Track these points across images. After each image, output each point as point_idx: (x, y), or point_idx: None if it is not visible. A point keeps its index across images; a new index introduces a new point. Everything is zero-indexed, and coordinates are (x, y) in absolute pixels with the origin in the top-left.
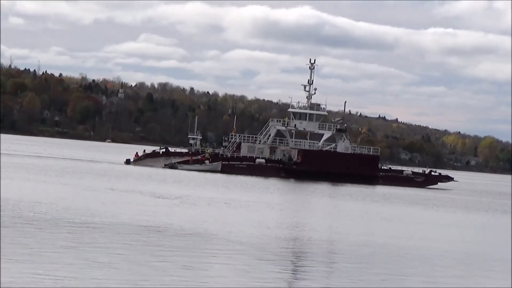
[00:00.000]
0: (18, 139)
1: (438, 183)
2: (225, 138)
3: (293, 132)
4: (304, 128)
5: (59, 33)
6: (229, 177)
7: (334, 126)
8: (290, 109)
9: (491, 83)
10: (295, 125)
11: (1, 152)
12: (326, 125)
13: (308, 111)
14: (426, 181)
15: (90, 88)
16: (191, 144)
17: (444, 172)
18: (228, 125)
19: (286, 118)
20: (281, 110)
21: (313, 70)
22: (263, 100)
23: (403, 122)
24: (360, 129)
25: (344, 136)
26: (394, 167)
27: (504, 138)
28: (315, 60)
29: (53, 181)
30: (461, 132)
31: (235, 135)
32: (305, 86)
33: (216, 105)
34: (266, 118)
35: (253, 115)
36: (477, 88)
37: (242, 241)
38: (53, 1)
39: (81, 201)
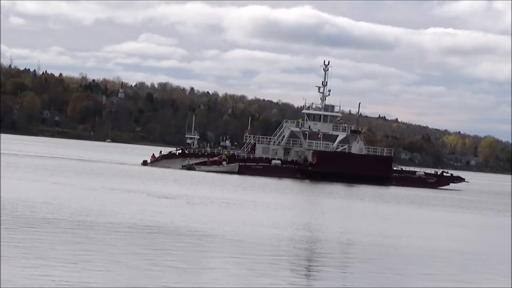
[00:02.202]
0: (18, 139)
1: (450, 184)
2: (223, 138)
3: (306, 133)
4: (318, 130)
5: (59, 33)
6: (247, 178)
7: (348, 127)
8: (304, 111)
9: (491, 83)
10: (310, 126)
11: (1, 152)
12: (340, 126)
13: (322, 112)
14: (438, 182)
15: (90, 88)
16: (188, 144)
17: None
18: (228, 125)
19: (300, 119)
20: (281, 110)
21: (327, 72)
22: (263, 100)
23: (403, 122)
24: (360, 129)
25: (358, 137)
26: (406, 168)
27: (504, 138)
28: (329, 62)
29: (71, 182)
30: (461, 132)
31: (249, 136)
32: (319, 88)
33: (216, 105)
34: (266, 118)
35: (253, 115)
36: (477, 88)
37: (252, 241)
38: (53, 1)
39: (100, 203)
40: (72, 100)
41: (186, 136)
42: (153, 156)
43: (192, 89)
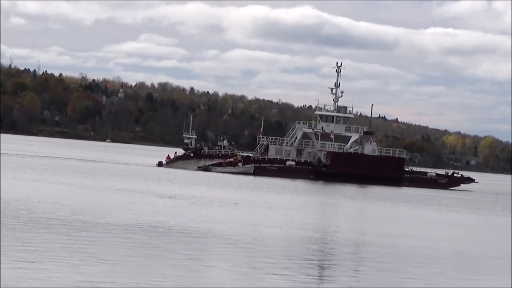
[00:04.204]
0: (18, 139)
1: (460, 185)
2: (221, 138)
3: (318, 135)
4: (331, 131)
5: (59, 33)
6: (263, 179)
7: (361, 128)
8: (317, 112)
9: (491, 83)
10: (322, 127)
11: (1, 151)
12: (353, 127)
13: (335, 113)
14: (449, 182)
15: (90, 87)
16: (186, 144)
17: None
18: (228, 125)
19: (313, 120)
20: (281, 110)
21: (339, 73)
22: (263, 100)
23: (403, 122)
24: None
25: (371, 138)
26: (416, 169)
27: (504, 138)
28: (341, 63)
29: (91, 184)
30: (461, 132)
31: (262, 138)
32: (331, 89)
33: (216, 105)
34: (266, 118)
35: (253, 115)
36: (477, 88)
37: (262, 241)
38: (54, 1)
39: (126, 205)
40: (72, 100)
41: (184, 136)
42: (168, 157)
43: (192, 89)
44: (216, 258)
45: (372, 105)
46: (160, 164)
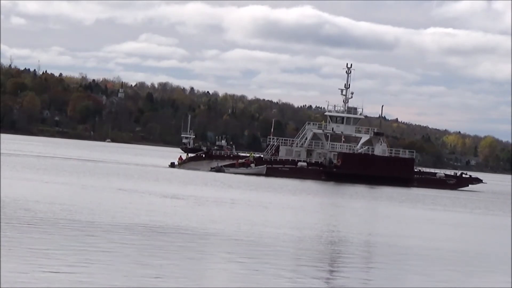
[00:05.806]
0: (18, 139)
1: (469, 185)
2: (219, 138)
3: (328, 136)
4: (341, 132)
5: (60, 33)
6: (276, 180)
7: (371, 129)
8: (327, 113)
9: (491, 83)
10: (333, 128)
11: (2, 152)
12: (363, 128)
13: (345, 114)
14: (458, 183)
15: (90, 87)
16: (184, 143)
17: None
18: (228, 125)
19: (323, 121)
20: (281, 110)
21: (349, 75)
22: (263, 100)
23: (403, 122)
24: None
25: (381, 139)
26: (425, 170)
27: (504, 138)
28: (351, 64)
29: (108, 185)
30: (461, 132)
31: (273, 139)
32: (341, 90)
33: (216, 105)
34: (266, 118)
35: (253, 115)
36: (477, 88)
37: (269, 241)
38: (54, 1)
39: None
40: (72, 100)
41: (182, 135)
42: (180, 158)
43: (192, 89)
44: (221, 258)
45: (382, 106)
46: (172, 165)
